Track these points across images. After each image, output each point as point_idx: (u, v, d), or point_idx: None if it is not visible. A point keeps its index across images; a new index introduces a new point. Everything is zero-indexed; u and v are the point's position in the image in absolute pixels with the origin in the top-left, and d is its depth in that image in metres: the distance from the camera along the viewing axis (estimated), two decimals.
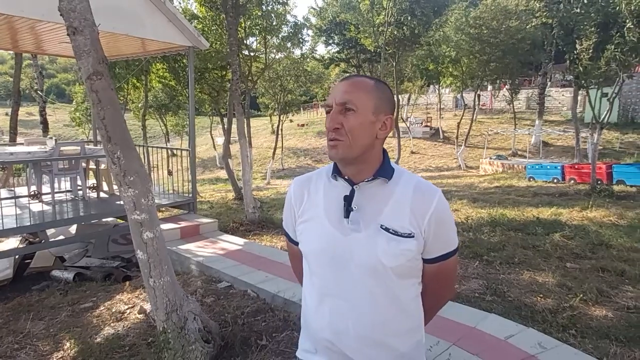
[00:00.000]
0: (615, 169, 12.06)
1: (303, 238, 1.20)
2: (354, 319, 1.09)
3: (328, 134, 1.09)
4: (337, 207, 1.13)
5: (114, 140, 2.52)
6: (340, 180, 1.14)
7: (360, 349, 1.10)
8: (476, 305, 3.52)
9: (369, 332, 1.09)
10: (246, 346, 2.96)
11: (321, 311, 1.14)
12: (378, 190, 1.11)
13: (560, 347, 2.76)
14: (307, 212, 1.19)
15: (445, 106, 34.28)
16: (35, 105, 28.36)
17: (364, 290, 1.08)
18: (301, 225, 1.20)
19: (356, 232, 1.08)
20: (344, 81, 1.11)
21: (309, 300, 1.20)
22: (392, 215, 1.08)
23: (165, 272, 2.77)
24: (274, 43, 14.95)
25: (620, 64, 9.96)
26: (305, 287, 1.24)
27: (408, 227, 1.07)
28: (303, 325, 1.26)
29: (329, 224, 1.12)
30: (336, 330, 1.11)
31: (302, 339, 1.27)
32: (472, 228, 6.25)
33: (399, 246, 1.06)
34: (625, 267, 4.42)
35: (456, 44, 18.81)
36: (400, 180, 1.12)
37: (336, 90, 1.10)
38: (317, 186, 1.20)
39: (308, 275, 1.21)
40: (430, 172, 22.11)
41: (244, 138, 7.41)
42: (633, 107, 24.81)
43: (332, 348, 1.13)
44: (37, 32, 5.79)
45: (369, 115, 1.08)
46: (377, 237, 1.07)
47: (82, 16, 2.35)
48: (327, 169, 1.21)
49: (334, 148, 1.08)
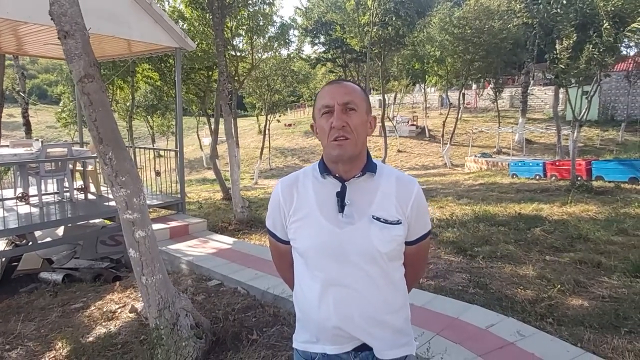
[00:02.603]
0: (594, 165, 12.40)
1: (298, 236, 1.24)
2: (358, 302, 1.19)
3: (333, 132, 1.15)
4: (329, 203, 1.21)
5: (106, 142, 2.58)
6: (329, 178, 1.23)
7: (366, 329, 1.21)
8: (460, 298, 3.65)
9: (372, 313, 1.20)
10: (237, 341, 3.04)
11: (325, 301, 1.20)
12: (366, 185, 1.22)
13: (538, 334, 2.90)
14: (300, 211, 1.23)
15: (430, 105, 34.65)
16: (17, 106, 27.81)
17: (364, 276, 1.19)
18: (294, 224, 1.24)
19: (351, 225, 1.18)
20: (337, 84, 1.21)
21: (310, 293, 1.24)
22: (381, 206, 1.20)
23: (157, 270, 2.83)
24: (260, 43, 14.98)
25: (598, 64, 10.26)
26: (302, 283, 1.27)
27: (395, 215, 1.20)
28: (301, 318, 1.31)
29: (325, 219, 1.20)
30: (343, 315, 1.19)
31: (299, 332, 1.32)
32: (456, 224, 6.42)
33: (390, 233, 1.19)
34: (602, 259, 4.61)
35: (440, 43, 19.08)
36: (382, 173, 1.25)
37: (334, 92, 1.18)
38: (305, 185, 1.25)
39: (306, 271, 1.25)
40: (416, 170, 22.36)
41: (232, 138, 7.46)
42: (612, 105, 25.47)
43: (339, 333, 1.21)
44: (20, 34, 5.75)
45: (364, 114, 1.21)
46: (370, 227, 1.18)
47: (73, 20, 2.40)
48: (311, 169, 1.29)
49: (341, 146, 1.16)
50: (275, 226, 1.32)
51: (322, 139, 1.21)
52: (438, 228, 6.28)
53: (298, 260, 1.29)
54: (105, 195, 6.51)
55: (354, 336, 1.22)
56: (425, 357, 2.60)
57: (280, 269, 1.46)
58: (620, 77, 23.87)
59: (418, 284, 4.04)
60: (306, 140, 32.86)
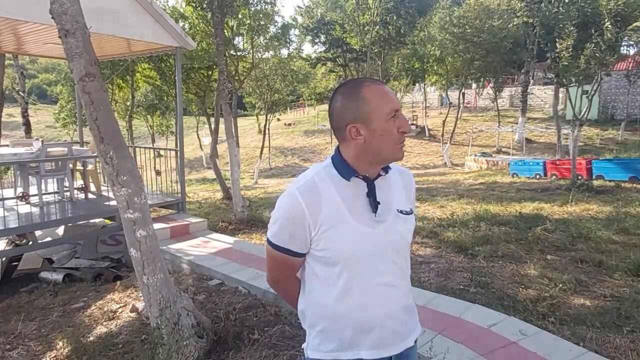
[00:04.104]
0: (594, 165, 12.39)
1: (331, 245, 1.17)
2: (397, 295, 1.24)
3: (400, 136, 1.18)
4: (359, 205, 1.19)
5: (107, 141, 2.57)
6: (355, 179, 1.20)
7: (402, 318, 1.25)
8: (461, 297, 3.64)
9: (405, 301, 1.27)
10: (239, 340, 3.03)
11: (369, 302, 1.19)
12: (385, 182, 1.26)
13: (540, 333, 2.89)
14: (329, 219, 1.16)
15: (430, 104, 34.66)
16: (16, 106, 27.79)
17: (398, 269, 1.24)
18: (325, 233, 1.16)
19: (381, 223, 1.20)
20: (385, 86, 1.23)
21: (349, 299, 1.19)
22: (399, 200, 1.27)
23: (158, 270, 2.83)
24: (260, 42, 14.97)
25: (599, 63, 10.25)
26: (334, 291, 1.20)
27: (408, 205, 1.29)
28: (327, 327, 1.23)
29: (358, 223, 1.17)
30: (387, 312, 1.21)
31: (323, 342, 1.24)
32: (457, 223, 6.41)
33: (410, 222, 1.28)
34: (603, 258, 4.60)
35: (440, 43, 19.08)
36: (390, 169, 1.29)
37: (391, 96, 1.20)
38: (329, 192, 1.18)
39: (339, 278, 1.18)
40: (417, 169, 22.35)
41: (232, 138, 7.45)
42: (612, 104, 25.47)
43: (383, 330, 1.21)
44: (20, 33, 5.74)
45: None
46: (398, 221, 1.23)
47: (73, 19, 2.39)
48: (324, 171, 1.21)
49: (402, 150, 1.21)
50: (293, 241, 1.20)
51: (386, 143, 1.17)
52: (439, 227, 6.27)
53: (324, 269, 1.21)
54: (106, 194, 6.49)
55: (395, 329, 1.23)
56: (427, 356, 2.60)
57: (284, 283, 1.35)
58: (620, 76, 23.85)
59: (419, 283, 4.04)
60: (306, 139, 32.85)
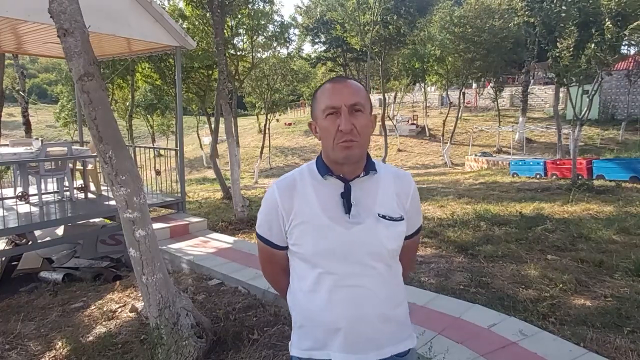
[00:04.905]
0: (595, 164, 12.39)
1: (302, 240, 1.19)
2: (371, 300, 1.18)
3: (340, 135, 1.11)
4: (333, 204, 1.18)
5: (106, 140, 2.56)
6: (331, 178, 1.19)
7: (377, 326, 1.19)
8: (461, 297, 3.63)
9: (383, 309, 1.20)
10: (238, 341, 3.03)
11: (336, 304, 1.17)
12: (368, 184, 1.21)
13: (541, 333, 2.88)
14: (301, 214, 1.18)
15: (431, 104, 34.64)
16: (16, 105, 27.80)
17: (375, 274, 1.19)
18: (296, 228, 1.19)
19: (358, 225, 1.16)
20: (342, 82, 1.16)
21: (317, 298, 1.20)
22: (384, 204, 1.20)
23: (157, 269, 2.82)
24: (259, 42, 14.96)
25: (600, 62, 10.23)
26: (305, 288, 1.23)
27: (398, 211, 1.21)
28: (304, 325, 1.26)
29: (330, 221, 1.16)
30: (356, 315, 1.17)
31: (301, 339, 1.27)
32: (457, 223, 6.40)
33: (396, 229, 1.20)
34: (603, 258, 4.59)
35: (441, 42, 19.07)
36: (381, 171, 1.24)
37: (340, 92, 1.13)
38: (304, 187, 1.20)
39: (310, 275, 1.20)
40: (417, 169, 22.35)
41: (232, 137, 7.44)
42: (613, 104, 25.45)
43: (351, 333, 1.18)
44: (20, 33, 5.73)
45: (368, 114, 1.18)
46: (378, 226, 1.18)
47: (72, 18, 2.38)
48: (307, 169, 1.24)
49: (349, 149, 1.12)
50: (271, 233, 1.25)
51: (326, 141, 1.15)
52: (439, 227, 6.26)
53: (299, 265, 1.24)
54: (105, 194, 6.49)
55: (366, 335, 1.19)
56: (427, 356, 2.59)
57: (273, 276, 1.39)
58: (621, 76, 23.84)
59: (419, 283, 4.03)
60: (306, 139, 32.84)
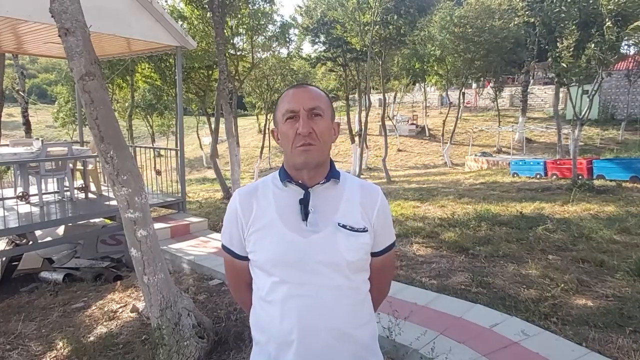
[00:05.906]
0: (595, 164, 12.38)
1: (258, 247, 1.16)
2: (324, 313, 1.12)
3: (299, 139, 1.10)
4: (291, 211, 1.15)
5: (107, 140, 2.56)
6: (291, 185, 1.17)
7: (329, 342, 1.12)
8: (462, 297, 3.63)
9: (337, 324, 1.13)
10: (240, 341, 3.02)
11: (288, 314, 1.12)
12: (330, 192, 1.18)
13: (542, 334, 2.88)
14: (259, 221, 1.16)
15: (430, 104, 34.66)
16: (16, 106, 27.76)
17: (331, 286, 1.12)
18: (253, 235, 1.17)
19: (315, 233, 1.13)
20: (302, 88, 1.17)
21: (270, 309, 1.15)
22: (346, 213, 1.16)
23: (159, 269, 2.81)
24: (259, 42, 14.97)
25: (600, 62, 10.23)
26: (261, 298, 1.18)
27: (361, 222, 1.16)
28: (259, 340, 1.21)
29: (286, 228, 1.13)
30: (306, 327, 1.11)
31: (255, 356, 1.22)
32: (458, 223, 6.39)
33: (357, 240, 1.14)
34: (605, 258, 4.59)
35: (441, 42, 19.04)
36: (346, 180, 1.22)
37: (299, 97, 1.13)
38: (265, 194, 1.19)
39: (266, 284, 1.16)
40: (417, 169, 22.36)
41: (232, 137, 7.44)
42: (613, 104, 25.46)
43: (302, 346, 1.11)
44: (20, 32, 5.73)
45: (329, 120, 1.17)
46: (336, 235, 1.13)
47: (73, 17, 2.38)
48: (271, 178, 1.22)
49: (307, 152, 1.11)
50: (232, 241, 1.23)
51: (285, 146, 1.14)
52: (439, 227, 6.26)
53: (257, 274, 1.20)
54: (106, 194, 6.48)
55: (316, 351, 1.11)
56: (429, 356, 2.58)
57: (236, 289, 1.34)
58: (621, 76, 23.85)
59: (421, 284, 4.02)
60: None
